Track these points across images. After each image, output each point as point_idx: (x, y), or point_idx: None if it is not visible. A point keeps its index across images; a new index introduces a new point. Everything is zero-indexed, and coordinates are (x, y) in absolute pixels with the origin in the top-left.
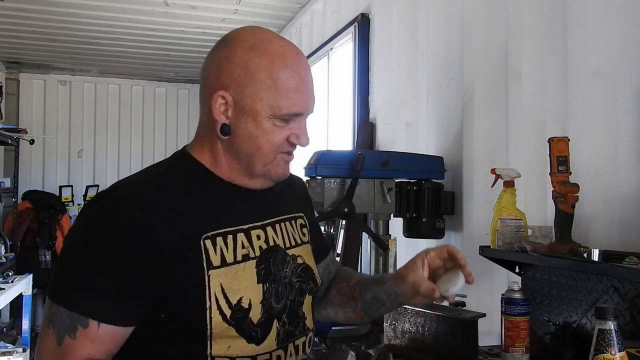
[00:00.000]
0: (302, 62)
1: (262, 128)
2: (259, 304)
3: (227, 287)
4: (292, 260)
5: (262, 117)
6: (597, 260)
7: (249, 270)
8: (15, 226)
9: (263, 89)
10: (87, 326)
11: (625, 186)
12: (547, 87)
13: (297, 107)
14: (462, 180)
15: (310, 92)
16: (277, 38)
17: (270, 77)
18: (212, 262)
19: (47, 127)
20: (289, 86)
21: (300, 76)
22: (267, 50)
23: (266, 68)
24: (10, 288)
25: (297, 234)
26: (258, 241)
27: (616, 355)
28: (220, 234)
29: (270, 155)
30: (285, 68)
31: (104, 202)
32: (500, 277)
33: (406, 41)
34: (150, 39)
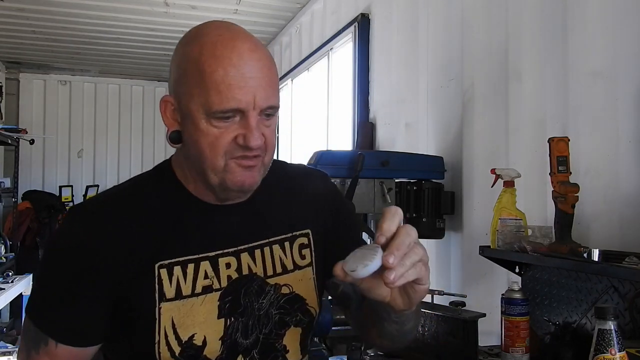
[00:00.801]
0: (238, 48)
1: (200, 130)
2: (218, 341)
3: (178, 322)
4: (274, 290)
5: (199, 118)
6: (597, 260)
7: (208, 304)
8: (15, 226)
9: (193, 85)
10: (47, 344)
11: (625, 186)
12: (547, 87)
13: (231, 102)
14: (462, 180)
15: (251, 84)
16: (221, 27)
17: (197, 70)
18: (165, 294)
19: (47, 127)
20: (216, 78)
21: (232, 64)
22: (199, 41)
23: (194, 61)
24: (10, 288)
25: (289, 258)
26: (227, 270)
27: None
28: (179, 263)
29: (218, 162)
30: (213, 57)
31: (65, 222)
32: (500, 277)
33: (406, 41)
34: (150, 39)
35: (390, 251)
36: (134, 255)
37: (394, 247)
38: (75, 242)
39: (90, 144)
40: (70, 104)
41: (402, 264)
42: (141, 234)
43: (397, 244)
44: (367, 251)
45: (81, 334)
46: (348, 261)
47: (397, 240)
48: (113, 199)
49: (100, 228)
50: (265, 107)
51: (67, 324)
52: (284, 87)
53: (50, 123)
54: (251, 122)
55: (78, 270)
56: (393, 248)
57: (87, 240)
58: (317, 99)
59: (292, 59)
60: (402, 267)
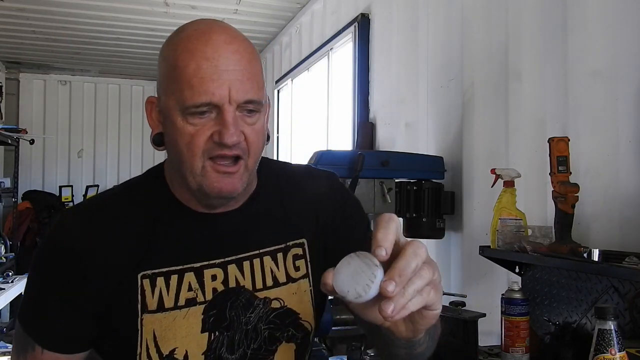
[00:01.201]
0: (213, 41)
1: (177, 129)
2: (201, 356)
3: (159, 336)
4: (263, 304)
5: (175, 116)
6: (597, 260)
7: (191, 318)
8: (15, 226)
9: (169, 82)
10: (34, 350)
11: (625, 186)
12: (547, 87)
13: (203, 95)
14: (462, 180)
15: (225, 76)
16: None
17: (171, 65)
18: (147, 305)
19: (47, 127)
20: (189, 72)
21: (205, 57)
22: (177, 37)
23: (170, 57)
24: (10, 288)
25: (282, 270)
26: (212, 282)
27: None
28: (162, 274)
29: (195, 163)
30: (187, 51)
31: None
32: (500, 277)
33: (406, 41)
34: (150, 39)
35: (390, 277)
36: (118, 264)
37: (396, 272)
38: (60, 249)
39: (90, 144)
40: (70, 104)
41: (404, 293)
42: (125, 243)
43: (400, 268)
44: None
45: (66, 341)
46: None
47: (400, 263)
48: (100, 206)
49: (85, 235)
50: (244, 101)
51: (52, 330)
52: (284, 87)
53: (50, 123)
54: (226, 117)
55: (62, 277)
56: (394, 273)
57: (71, 247)
58: (317, 99)
59: (292, 59)
60: (403, 298)
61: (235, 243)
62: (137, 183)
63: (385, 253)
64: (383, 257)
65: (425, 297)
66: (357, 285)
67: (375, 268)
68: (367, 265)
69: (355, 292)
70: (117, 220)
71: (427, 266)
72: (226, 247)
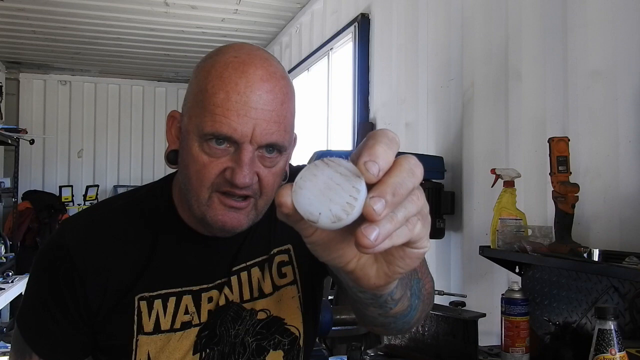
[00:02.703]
0: (249, 74)
1: (191, 155)
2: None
3: (153, 357)
4: (250, 316)
5: (192, 140)
6: (597, 260)
7: (185, 340)
8: (15, 226)
9: (194, 104)
10: (30, 357)
11: (625, 186)
12: (547, 87)
13: (225, 127)
14: (462, 180)
15: (252, 114)
16: (241, 49)
17: (200, 89)
18: (143, 327)
19: (47, 127)
20: (215, 100)
21: (236, 90)
22: (213, 59)
23: (201, 79)
24: (10, 288)
25: (268, 280)
26: (208, 304)
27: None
28: (160, 296)
29: (202, 194)
30: (219, 79)
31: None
32: (500, 277)
33: (406, 41)
34: (150, 39)
35: (380, 194)
36: (116, 283)
37: (389, 189)
38: (59, 262)
39: (90, 144)
40: (70, 104)
41: (392, 218)
42: (125, 262)
43: (394, 185)
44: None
45: (61, 352)
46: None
47: (394, 179)
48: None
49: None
50: (265, 144)
51: (47, 340)
52: None
53: (50, 123)
54: (243, 156)
55: (63, 288)
56: (386, 190)
57: (71, 259)
58: (317, 99)
59: (292, 59)
60: (391, 224)
61: (229, 262)
62: (144, 197)
63: (378, 171)
64: (373, 176)
65: (413, 228)
66: (332, 205)
67: (357, 180)
68: (345, 178)
69: (330, 215)
70: (118, 239)
71: (419, 191)
72: (222, 267)
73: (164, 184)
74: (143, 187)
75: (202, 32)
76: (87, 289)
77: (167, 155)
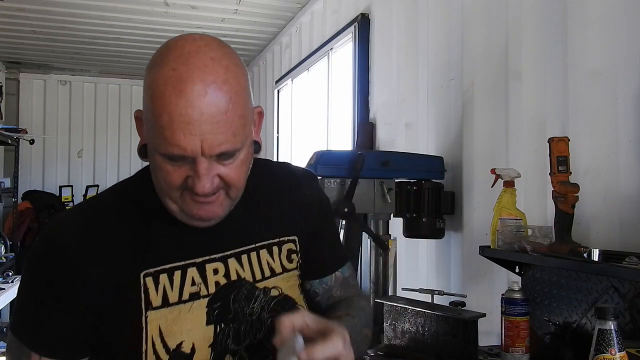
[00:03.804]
0: (187, 92)
1: (156, 163)
2: (207, 348)
3: (165, 331)
4: (263, 293)
5: (154, 151)
6: (597, 260)
7: (196, 311)
8: (15, 226)
9: (147, 119)
10: (29, 357)
11: (625, 186)
12: (547, 87)
13: (175, 149)
14: (462, 180)
15: (196, 131)
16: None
17: (147, 107)
18: (151, 302)
19: (47, 127)
20: (162, 123)
21: (177, 112)
22: (156, 72)
23: (147, 94)
24: (10, 288)
25: (278, 262)
26: (215, 276)
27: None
28: (165, 270)
29: (173, 194)
30: (160, 99)
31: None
32: (500, 277)
33: (406, 41)
34: (150, 39)
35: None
36: (118, 265)
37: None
38: (55, 250)
39: (90, 144)
40: (70, 104)
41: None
42: (123, 243)
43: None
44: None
45: (66, 347)
46: None
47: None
48: (92, 209)
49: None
50: (217, 154)
51: (50, 336)
52: (284, 87)
53: (50, 123)
54: (199, 168)
55: (60, 280)
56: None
57: (66, 248)
58: (317, 99)
59: (292, 59)
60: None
61: (233, 238)
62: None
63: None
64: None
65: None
66: None
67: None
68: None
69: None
70: (112, 222)
71: None
72: (225, 242)
73: (143, 174)
74: (123, 181)
75: (202, 32)
76: (86, 275)
77: (139, 150)
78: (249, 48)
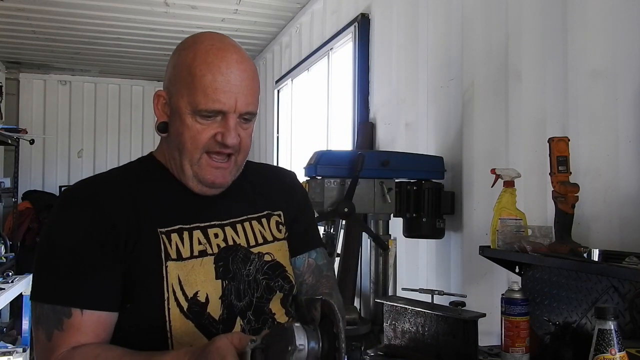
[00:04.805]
0: (227, 58)
1: (185, 124)
2: (218, 300)
3: (184, 280)
4: (258, 257)
5: (185, 114)
6: (597, 260)
7: (206, 266)
8: (15, 226)
9: (183, 86)
10: (70, 315)
11: (625, 186)
12: (547, 87)
13: (216, 103)
14: (462, 180)
15: (235, 91)
16: (214, 38)
17: (189, 73)
18: (169, 254)
19: (47, 127)
20: (205, 82)
21: (220, 72)
22: (193, 48)
23: (187, 65)
24: (10, 288)
25: (268, 231)
26: (216, 239)
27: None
28: (175, 231)
29: (195, 154)
30: (204, 64)
31: (68, 201)
32: (500, 277)
33: (406, 41)
34: (150, 39)
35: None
36: (137, 220)
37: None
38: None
39: (90, 144)
40: (70, 104)
41: None
42: (140, 207)
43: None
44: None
45: (105, 296)
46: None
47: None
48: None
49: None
50: (244, 112)
51: (90, 287)
52: (284, 87)
53: (50, 123)
54: (230, 123)
55: (98, 230)
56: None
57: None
58: (317, 99)
59: (292, 59)
60: None
61: (227, 211)
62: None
63: None
64: None
65: None
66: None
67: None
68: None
69: None
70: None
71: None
72: (221, 212)
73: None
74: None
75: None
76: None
77: (157, 126)
78: (249, 48)
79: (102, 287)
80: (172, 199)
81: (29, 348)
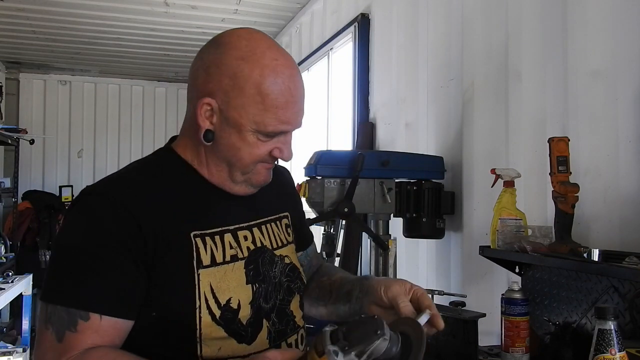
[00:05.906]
0: (294, 77)
1: (245, 141)
2: (248, 305)
3: (216, 287)
4: (280, 260)
5: (247, 131)
6: (597, 260)
7: (237, 271)
8: (15, 226)
9: (250, 104)
10: (87, 319)
11: (625, 186)
12: (547, 87)
13: (284, 125)
14: (462, 180)
15: (299, 108)
16: (271, 48)
17: (258, 93)
18: (202, 261)
19: (47, 127)
20: (277, 104)
21: (290, 93)
22: (258, 62)
23: (255, 82)
24: (10, 288)
25: (283, 234)
26: (245, 242)
27: (616, 355)
28: (208, 234)
29: (250, 166)
30: (275, 85)
31: (90, 200)
32: (500, 277)
33: (406, 41)
34: (150, 39)
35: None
36: (168, 226)
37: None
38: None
39: (90, 144)
40: (70, 104)
41: None
42: (171, 208)
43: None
44: None
45: (126, 302)
46: None
47: None
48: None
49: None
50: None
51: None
52: None
53: (50, 123)
54: (289, 138)
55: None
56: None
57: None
58: (317, 99)
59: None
60: None
61: (253, 212)
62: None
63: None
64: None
65: None
66: None
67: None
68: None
69: None
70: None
71: None
72: (248, 214)
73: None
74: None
75: (202, 32)
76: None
77: (204, 135)
78: None
79: (124, 293)
80: (201, 199)
81: (29, 348)
